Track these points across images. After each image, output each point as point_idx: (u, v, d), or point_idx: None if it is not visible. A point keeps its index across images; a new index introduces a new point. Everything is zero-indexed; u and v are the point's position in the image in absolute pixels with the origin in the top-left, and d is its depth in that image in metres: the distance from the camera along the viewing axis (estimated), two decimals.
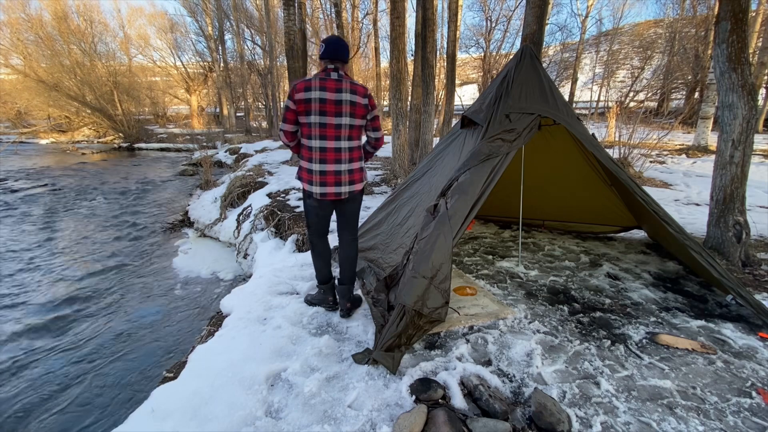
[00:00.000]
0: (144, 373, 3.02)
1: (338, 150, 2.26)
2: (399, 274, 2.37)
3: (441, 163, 3.13)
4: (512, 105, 2.75)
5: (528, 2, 4.30)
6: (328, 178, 2.28)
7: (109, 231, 6.38)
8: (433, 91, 6.44)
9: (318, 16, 17.43)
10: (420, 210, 2.76)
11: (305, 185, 2.33)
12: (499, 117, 2.68)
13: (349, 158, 2.31)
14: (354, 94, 2.21)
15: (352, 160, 2.33)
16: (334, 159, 2.27)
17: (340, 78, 2.18)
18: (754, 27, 9.89)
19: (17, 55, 17.88)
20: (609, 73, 20.59)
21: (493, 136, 2.57)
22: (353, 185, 2.37)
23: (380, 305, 2.32)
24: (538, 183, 3.93)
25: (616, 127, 7.54)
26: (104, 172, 11.83)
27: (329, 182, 2.29)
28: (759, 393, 1.85)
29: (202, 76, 23.44)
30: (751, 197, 4.93)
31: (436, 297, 2.08)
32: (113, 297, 4.22)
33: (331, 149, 2.24)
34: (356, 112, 2.24)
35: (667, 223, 2.78)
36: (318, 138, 2.21)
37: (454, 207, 2.26)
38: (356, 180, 2.37)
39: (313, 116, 2.16)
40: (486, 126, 2.66)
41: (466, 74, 28.04)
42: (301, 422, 1.68)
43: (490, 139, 2.56)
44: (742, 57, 3.10)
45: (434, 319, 2.08)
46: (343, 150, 2.28)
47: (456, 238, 2.19)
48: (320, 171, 2.26)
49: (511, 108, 2.73)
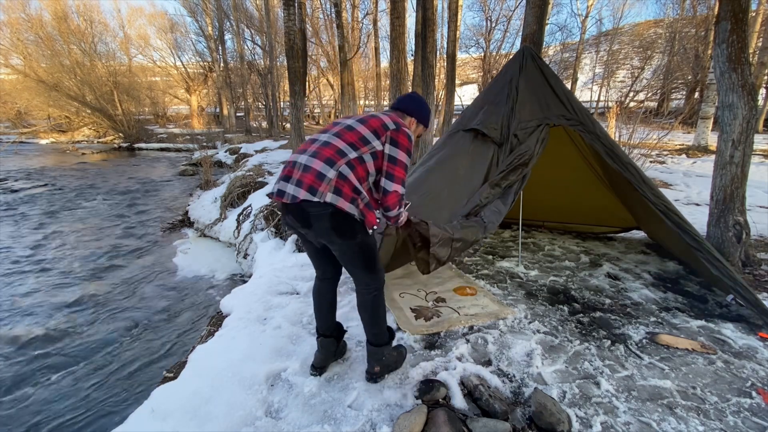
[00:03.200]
0: (144, 373, 3.02)
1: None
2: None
3: (449, 168, 3.12)
4: (520, 120, 2.87)
5: (528, 2, 4.31)
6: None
7: (109, 231, 6.38)
8: (433, 91, 6.45)
9: (318, 16, 17.44)
10: (425, 213, 2.86)
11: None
12: (510, 138, 2.87)
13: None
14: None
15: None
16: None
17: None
18: (754, 27, 9.89)
19: (17, 55, 17.90)
20: (609, 73, 20.58)
21: (510, 167, 2.77)
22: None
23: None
24: (538, 183, 3.93)
25: (616, 127, 7.52)
26: (104, 172, 11.83)
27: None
28: (759, 393, 1.85)
29: (202, 76, 23.43)
30: (751, 197, 4.93)
31: (446, 250, 2.36)
32: (112, 297, 4.22)
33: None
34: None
35: (688, 235, 2.69)
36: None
37: (491, 220, 2.66)
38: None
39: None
40: (506, 147, 2.87)
41: (466, 74, 28.04)
42: (301, 422, 1.68)
43: (510, 170, 2.76)
44: (742, 57, 3.10)
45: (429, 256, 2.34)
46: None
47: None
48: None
49: (519, 123, 2.87)
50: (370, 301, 1.84)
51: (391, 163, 1.72)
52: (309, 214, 1.61)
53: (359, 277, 1.82)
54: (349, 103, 11.89)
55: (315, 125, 23.08)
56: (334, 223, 1.61)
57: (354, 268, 1.81)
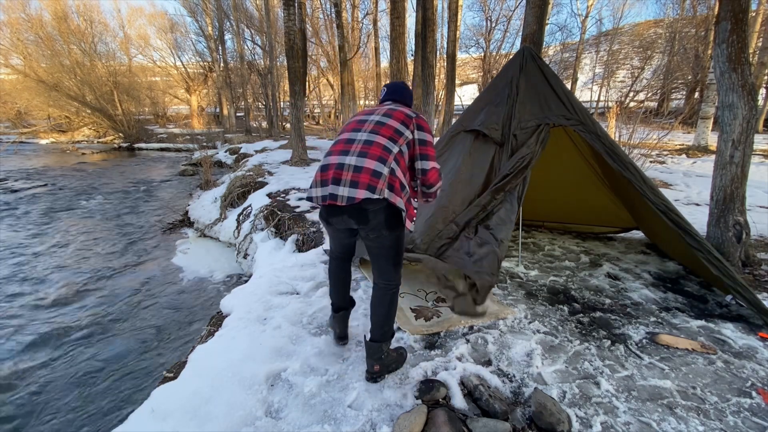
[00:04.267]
0: (143, 373, 3.02)
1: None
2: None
3: (451, 169, 3.16)
4: (520, 120, 2.91)
5: (528, 2, 4.31)
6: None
7: (109, 231, 6.38)
8: (433, 90, 6.45)
9: (318, 16, 17.43)
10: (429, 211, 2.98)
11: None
12: (510, 138, 2.90)
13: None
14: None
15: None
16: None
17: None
18: (754, 27, 9.89)
19: (17, 55, 17.88)
20: (609, 73, 20.57)
21: (514, 170, 2.77)
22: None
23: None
24: (538, 183, 3.93)
25: (616, 127, 7.52)
26: (104, 172, 11.83)
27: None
28: (759, 393, 1.85)
29: (202, 76, 23.41)
30: (751, 197, 4.93)
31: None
32: (112, 297, 4.22)
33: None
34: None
35: (689, 234, 2.67)
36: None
37: (502, 231, 2.69)
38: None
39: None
40: (507, 147, 2.90)
41: (466, 74, 28.04)
42: (301, 422, 1.68)
43: (514, 174, 2.78)
44: (742, 57, 3.10)
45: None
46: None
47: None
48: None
49: (519, 123, 2.90)
50: (389, 297, 1.89)
51: (422, 145, 1.87)
52: (368, 211, 1.69)
53: (385, 270, 1.87)
54: (349, 103, 11.89)
55: (315, 125, 23.06)
56: (387, 216, 1.72)
57: (386, 261, 1.86)
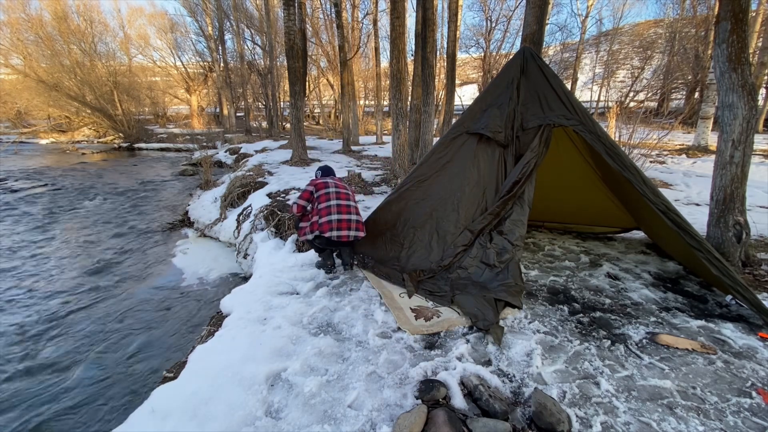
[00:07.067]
0: (144, 373, 3.02)
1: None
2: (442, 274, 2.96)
3: (453, 172, 3.24)
4: (522, 121, 2.99)
5: (528, 2, 4.31)
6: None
7: (109, 231, 6.38)
8: (433, 91, 6.43)
9: (318, 16, 17.41)
10: (439, 215, 3.19)
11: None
12: (513, 140, 3.03)
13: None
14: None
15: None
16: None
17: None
18: (754, 27, 9.87)
19: (17, 55, 17.88)
20: (609, 73, 20.56)
21: (523, 176, 2.89)
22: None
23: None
24: (539, 184, 3.92)
25: (616, 127, 7.51)
26: (104, 172, 11.83)
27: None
28: (759, 393, 1.85)
29: (202, 76, 23.42)
30: (751, 197, 4.93)
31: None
32: (112, 297, 4.22)
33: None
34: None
35: (689, 234, 2.67)
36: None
37: (515, 233, 2.84)
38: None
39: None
40: (511, 149, 3.05)
41: (466, 74, 28.01)
42: (301, 422, 1.68)
43: (522, 181, 2.89)
44: (742, 57, 3.10)
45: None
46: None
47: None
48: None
49: (521, 124, 2.98)
50: (347, 251, 3.31)
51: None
52: (357, 239, 3.18)
53: (348, 251, 3.32)
54: (349, 103, 11.88)
55: (315, 125, 23.06)
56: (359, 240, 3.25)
57: (350, 250, 3.35)
